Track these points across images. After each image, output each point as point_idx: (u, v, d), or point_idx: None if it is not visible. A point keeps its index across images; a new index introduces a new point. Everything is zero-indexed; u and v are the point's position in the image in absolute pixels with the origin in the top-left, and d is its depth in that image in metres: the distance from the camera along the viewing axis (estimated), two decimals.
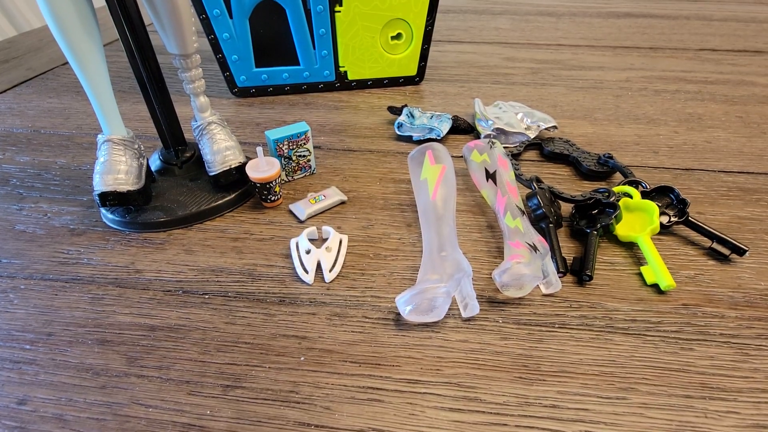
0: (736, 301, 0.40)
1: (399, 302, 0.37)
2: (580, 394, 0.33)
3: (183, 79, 0.49)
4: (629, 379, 0.34)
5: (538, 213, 0.46)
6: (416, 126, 0.64)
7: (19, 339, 0.38)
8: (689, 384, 0.34)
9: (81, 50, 0.42)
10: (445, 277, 0.38)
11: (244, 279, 0.43)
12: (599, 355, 0.36)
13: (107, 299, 0.41)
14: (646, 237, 0.44)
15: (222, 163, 0.50)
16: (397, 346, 0.37)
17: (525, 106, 0.70)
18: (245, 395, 0.33)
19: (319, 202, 0.51)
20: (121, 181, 0.46)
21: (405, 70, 0.79)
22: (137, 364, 0.36)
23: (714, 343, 0.37)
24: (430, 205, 0.45)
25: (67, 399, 0.33)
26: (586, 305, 0.40)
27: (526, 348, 0.37)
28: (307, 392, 0.34)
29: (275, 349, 0.37)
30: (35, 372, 0.35)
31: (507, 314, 0.39)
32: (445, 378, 0.35)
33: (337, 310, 0.40)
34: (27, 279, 0.43)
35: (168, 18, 0.43)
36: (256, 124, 0.69)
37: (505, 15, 1.17)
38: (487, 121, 0.65)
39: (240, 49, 0.71)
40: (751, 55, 0.92)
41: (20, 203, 0.53)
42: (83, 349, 0.37)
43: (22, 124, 0.70)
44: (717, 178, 0.56)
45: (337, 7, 0.69)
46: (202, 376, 0.35)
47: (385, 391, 0.34)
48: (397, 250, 0.46)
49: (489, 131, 0.64)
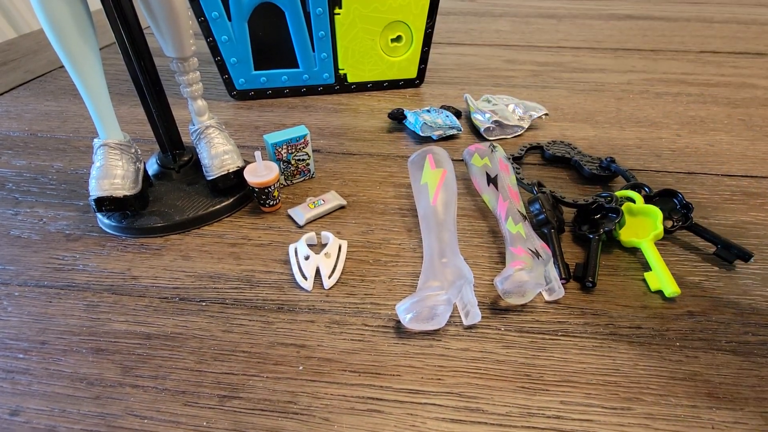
0: (742, 307, 0.40)
1: (399, 310, 0.37)
2: (584, 405, 0.33)
3: (180, 83, 0.48)
4: (634, 389, 0.34)
5: (540, 218, 0.46)
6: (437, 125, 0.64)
7: (12, 348, 0.37)
8: (695, 394, 0.33)
9: (77, 54, 0.41)
10: (446, 284, 0.37)
11: (242, 286, 0.42)
12: (603, 363, 0.36)
13: (102, 306, 0.40)
14: (650, 242, 0.44)
15: (220, 168, 0.49)
16: (398, 355, 0.36)
17: (513, 98, 0.70)
18: (242, 406, 0.33)
19: (318, 207, 0.50)
20: (117, 186, 0.45)
21: (405, 72, 0.78)
22: (132, 373, 0.35)
23: (720, 352, 0.36)
24: (431, 210, 0.44)
25: (60, 410, 0.33)
26: (589, 312, 0.40)
27: (528, 356, 0.36)
28: (305, 403, 0.33)
29: (273, 358, 0.36)
30: (28, 382, 0.35)
31: (509, 322, 0.39)
32: (447, 388, 0.34)
33: (336, 318, 0.39)
34: (21, 286, 0.43)
35: (165, 21, 0.43)
36: (255, 127, 0.69)
37: (505, 17, 1.17)
38: (484, 114, 0.65)
39: (239, 51, 0.70)
40: (753, 57, 0.91)
41: (16, 208, 0.53)
42: (77, 358, 0.36)
43: (19, 127, 0.70)
44: (720, 182, 0.55)
45: (337, 10, 0.68)
46: (198, 386, 0.34)
47: (385, 401, 0.33)
48: (398, 256, 0.45)
49: (488, 124, 0.64)
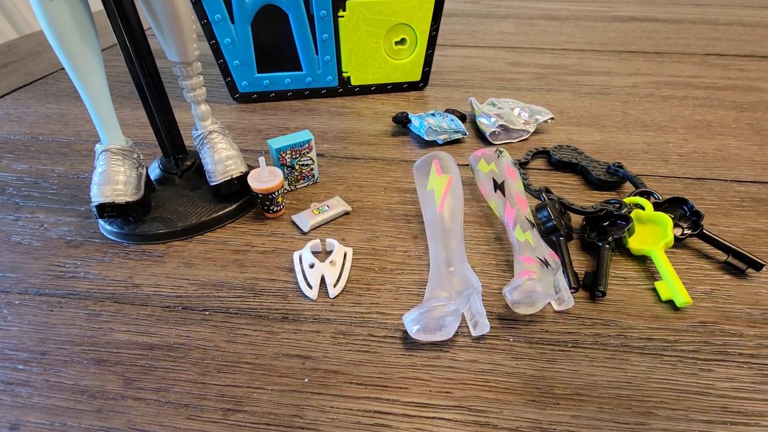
0: (755, 318, 0.39)
1: (406, 321, 0.36)
2: (596, 419, 0.32)
3: (183, 87, 0.47)
4: (647, 403, 0.33)
5: (548, 225, 0.45)
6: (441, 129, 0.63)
7: (12, 358, 0.36)
8: (709, 408, 0.33)
9: (78, 58, 0.40)
10: (454, 294, 0.37)
11: (246, 294, 0.42)
12: (614, 376, 0.35)
13: (104, 316, 0.40)
14: (660, 251, 0.43)
15: (223, 173, 0.48)
16: (405, 367, 0.36)
17: (518, 101, 0.69)
18: (247, 420, 0.32)
19: (323, 213, 0.49)
20: (119, 192, 0.45)
21: (409, 75, 0.78)
22: (134, 385, 0.34)
23: (734, 364, 0.36)
24: (437, 217, 0.44)
25: (61, 424, 0.32)
26: (599, 323, 0.39)
27: (538, 368, 0.35)
28: (311, 417, 0.32)
29: (278, 369, 0.35)
30: (28, 394, 0.34)
31: (518, 332, 0.38)
32: (455, 401, 0.33)
33: (342, 328, 0.39)
34: (22, 294, 0.42)
35: (168, 25, 0.42)
36: (258, 131, 0.68)
37: (508, 19, 1.16)
38: (489, 117, 0.64)
39: (242, 54, 0.69)
40: (759, 60, 0.90)
41: (16, 213, 0.52)
42: (79, 369, 0.36)
43: (20, 130, 0.69)
44: (729, 188, 0.55)
45: (341, 12, 0.68)
46: (201, 399, 0.33)
47: (392, 415, 0.32)
48: (404, 264, 0.45)
49: (493, 128, 0.64)
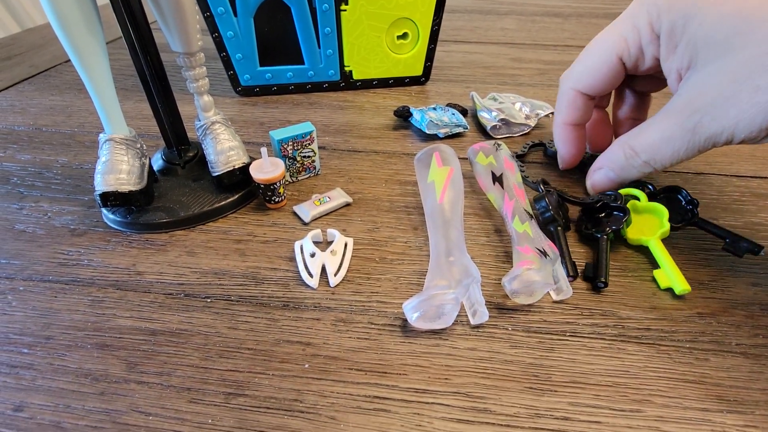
0: (752, 309, 0.39)
1: (406, 309, 0.36)
2: (592, 406, 0.32)
3: (187, 78, 0.48)
4: (643, 391, 0.33)
5: (546, 216, 0.45)
6: (443, 123, 0.63)
7: (16, 342, 0.37)
8: (705, 397, 0.33)
9: (84, 48, 0.41)
10: (454, 282, 0.37)
11: (247, 282, 0.42)
12: (612, 365, 0.35)
13: (107, 302, 0.40)
14: (657, 240, 0.43)
15: (226, 164, 0.49)
16: (404, 354, 0.36)
17: (520, 96, 0.70)
18: (248, 403, 0.33)
19: (324, 204, 0.50)
20: (123, 181, 0.45)
21: (411, 70, 0.78)
22: (137, 369, 0.35)
23: (730, 354, 0.36)
24: (438, 208, 0.44)
25: (65, 405, 0.33)
26: (597, 313, 0.39)
27: (536, 357, 0.36)
28: (311, 401, 0.33)
29: (279, 355, 0.36)
30: (33, 377, 0.34)
31: (516, 321, 0.38)
32: (454, 388, 0.34)
33: (342, 316, 0.39)
34: (26, 280, 0.43)
35: (172, 16, 0.42)
36: (260, 124, 0.68)
37: (511, 15, 1.16)
38: (490, 112, 0.65)
39: (244, 47, 0.70)
40: None
41: (20, 202, 0.52)
42: (82, 353, 0.36)
43: (24, 121, 0.70)
44: (729, 183, 0.55)
45: (343, 6, 0.68)
46: (203, 383, 0.34)
47: (391, 400, 0.33)
48: (404, 254, 0.45)
49: (494, 122, 0.64)
